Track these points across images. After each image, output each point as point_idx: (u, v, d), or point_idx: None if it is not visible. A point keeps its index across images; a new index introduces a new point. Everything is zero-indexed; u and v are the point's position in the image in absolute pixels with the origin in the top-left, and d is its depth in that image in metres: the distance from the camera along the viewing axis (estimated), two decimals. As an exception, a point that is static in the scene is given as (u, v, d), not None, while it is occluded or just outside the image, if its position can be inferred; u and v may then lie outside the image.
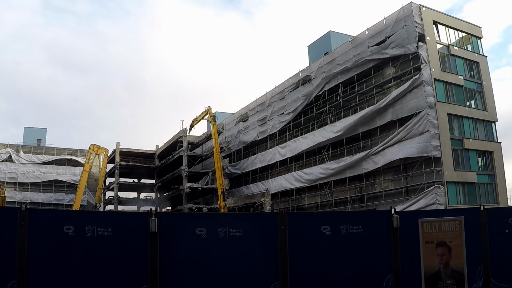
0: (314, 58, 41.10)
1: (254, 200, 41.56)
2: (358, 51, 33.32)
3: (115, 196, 54.31)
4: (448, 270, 7.38)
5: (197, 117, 46.13)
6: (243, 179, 47.97)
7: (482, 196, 29.98)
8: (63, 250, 6.03)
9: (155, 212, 6.67)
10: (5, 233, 5.83)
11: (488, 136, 32.00)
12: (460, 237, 7.46)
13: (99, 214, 12.96)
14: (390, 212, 7.47)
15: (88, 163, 51.61)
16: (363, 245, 7.26)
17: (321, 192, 36.30)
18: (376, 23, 32.61)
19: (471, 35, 33.59)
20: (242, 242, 6.79)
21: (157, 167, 58.20)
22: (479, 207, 7.86)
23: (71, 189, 61.84)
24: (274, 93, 43.54)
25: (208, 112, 44.11)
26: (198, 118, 46.03)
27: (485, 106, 32.29)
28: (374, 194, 32.14)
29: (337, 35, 41.11)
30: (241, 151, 49.39)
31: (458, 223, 7.51)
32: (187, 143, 48.53)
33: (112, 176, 56.17)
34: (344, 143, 33.96)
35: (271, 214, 17.15)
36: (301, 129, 39.52)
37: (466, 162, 30.00)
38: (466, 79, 31.66)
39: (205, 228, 6.66)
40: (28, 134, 65.44)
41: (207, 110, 44.29)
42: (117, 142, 55.53)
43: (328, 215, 11.67)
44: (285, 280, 6.81)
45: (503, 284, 7.52)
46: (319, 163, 36.61)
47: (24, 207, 5.96)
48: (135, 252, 6.39)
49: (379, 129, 31.39)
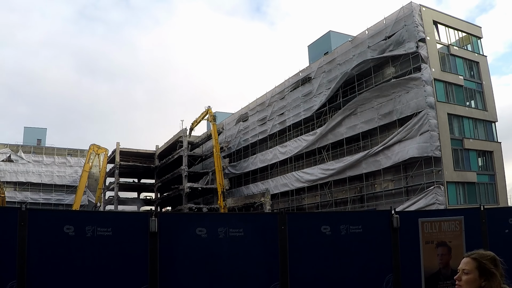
0: (314, 58, 41.10)
1: (254, 200, 41.57)
2: (358, 51, 33.33)
3: (115, 196, 54.35)
4: (448, 270, 7.37)
5: (197, 118, 46.23)
6: (243, 179, 47.96)
7: (482, 196, 29.97)
8: (63, 250, 6.02)
9: (155, 212, 6.67)
10: (5, 233, 5.82)
11: (488, 136, 31.99)
12: (460, 237, 7.45)
13: (99, 214, 12.95)
14: (390, 212, 7.46)
15: (88, 163, 51.59)
16: (363, 245, 7.25)
17: (321, 192, 36.29)
18: (376, 23, 32.62)
19: (471, 35, 33.59)
20: (242, 242, 6.78)
21: (157, 167, 58.21)
22: (479, 207, 7.85)
23: (71, 189, 61.82)
24: (274, 93, 43.54)
25: (208, 112, 44.13)
26: (198, 119, 46.12)
27: (485, 106, 32.28)
28: (374, 194, 32.13)
29: (337, 35, 41.13)
30: (241, 151, 49.38)
31: (458, 223, 7.51)
32: (187, 143, 48.55)
33: (112, 176, 56.21)
34: (344, 143, 33.96)
35: (271, 214, 17.15)
36: (301, 129, 39.51)
37: (466, 162, 30.00)
38: (466, 79, 31.66)
39: (205, 228, 6.65)
40: (28, 134, 65.42)
41: (207, 110, 44.31)
42: (117, 142, 55.63)
43: (328, 215, 11.66)
44: (285, 280, 6.80)
45: (503, 284, 7.50)
46: (319, 163, 36.61)
47: (24, 207, 5.95)
48: (135, 252, 6.39)
49: (379, 129, 31.40)
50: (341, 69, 34.73)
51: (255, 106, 46.76)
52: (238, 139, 49.44)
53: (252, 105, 47.53)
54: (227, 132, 52.17)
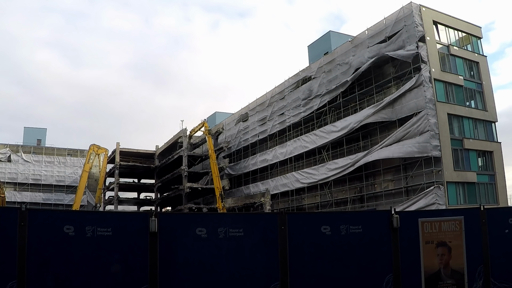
0: (314, 58, 41.09)
1: (254, 200, 41.57)
2: (358, 51, 33.31)
3: (115, 196, 54.35)
4: (448, 270, 7.38)
5: (194, 128, 47.76)
6: (243, 179, 47.94)
7: (482, 196, 29.96)
8: (63, 250, 6.03)
9: (155, 212, 6.67)
10: (5, 233, 5.83)
11: (488, 136, 31.98)
12: (460, 237, 7.46)
13: (99, 214, 12.96)
14: (390, 212, 7.46)
15: (88, 163, 51.56)
16: (363, 245, 7.26)
17: (321, 192, 36.28)
18: (376, 23, 32.60)
19: (471, 35, 33.57)
20: (242, 242, 6.78)
21: (157, 167, 58.21)
22: (479, 207, 7.86)
23: (71, 189, 61.82)
24: (274, 93, 43.54)
25: (204, 125, 45.33)
26: (196, 129, 47.65)
27: (485, 106, 32.28)
28: (374, 194, 32.13)
29: (337, 35, 41.14)
30: (241, 151, 49.37)
31: (458, 223, 7.51)
32: (187, 143, 48.57)
33: (112, 176, 56.20)
34: (344, 143, 33.96)
35: (271, 214, 17.14)
36: (301, 129, 39.50)
37: (466, 162, 29.98)
38: (466, 79, 31.65)
39: (205, 228, 6.66)
40: (28, 134, 65.42)
41: (203, 123, 45.78)
42: (117, 142, 55.64)
43: (328, 215, 11.67)
44: (285, 280, 6.80)
45: (503, 284, 7.52)
46: (319, 163, 36.61)
47: (24, 207, 5.95)
48: (135, 252, 6.39)
49: (379, 129, 31.39)
50: (341, 69, 34.73)
51: (255, 106, 46.75)
52: (238, 139, 49.43)
53: (252, 105, 47.53)
54: (227, 132, 52.16)
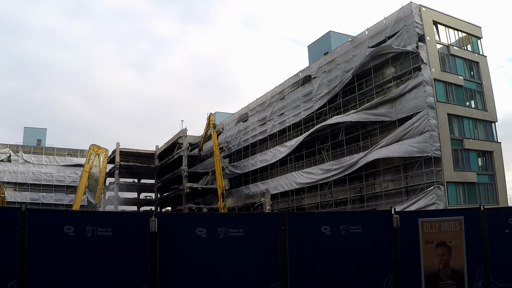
0: (314, 58, 41.08)
1: (254, 200, 41.57)
2: (358, 51, 33.32)
3: (115, 196, 54.33)
4: (448, 270, 7.38)
5: (202, 134, 47.33)
6: (243, 179, 47.94)
7: (482, 196, 29.96)
8: (63, 250, 6.03)
9: (155, 212, 6.68)
10: (5, 233, 5.83)
11: (488, 136, 31.98)
12: (460, 237, 7.46)
13: (99, 214, 12.94)
14: (390, 212, 7.46)
15: (88, 163, 51.57)
16: (363, 245, 7.26)
17: (321, 192, 36.28)
18: (376, 23, 32.60)
19: (471, 35, 33.57)
20: (242, 242, 6.78)
21: (157, 167, 58.25)
22: (479, 207, 7.85)
23: (71, 189, 61.77)
24: (274, 93, 43.53)
25: (210, 119, 44.53)
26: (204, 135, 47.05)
27: (485, 106, 32.27)
28: (374, 194, 32.12)
29: (337, 35, 41.12)
30: (241, 151, 49.36)
31: (458, 223, 7.51)
32: (187, 143, 48.57)
33: (112, 176, 56.21)
34: (344, 143, 33.96)
35: (271, 214, 17.14)
36: (301, 129, 39.50)
37: (466, 162, 29.98)
38: (466, 79, 31.64)
39: (205, 228, 6.66)
40: (28, 134, 65.39)
41: (209, 117, 44.93)
42: (117, 142, 55.68)
43: (328, 215, 11.68)
44: (285, 280, 6.80)
45: (503, 284, 7.51)
46: (319, 163, 36.60)
47: (24, 207, 5.95)
48: (135, 252, 6.39)
49: (379, 129, 31.39)
50: (341, 68, 34.73)
51: (255, 106, 46.75)
52: (238, 139, 49.42)
53: (252, 105, 47.52)
54: (227, 132, 52.16)
